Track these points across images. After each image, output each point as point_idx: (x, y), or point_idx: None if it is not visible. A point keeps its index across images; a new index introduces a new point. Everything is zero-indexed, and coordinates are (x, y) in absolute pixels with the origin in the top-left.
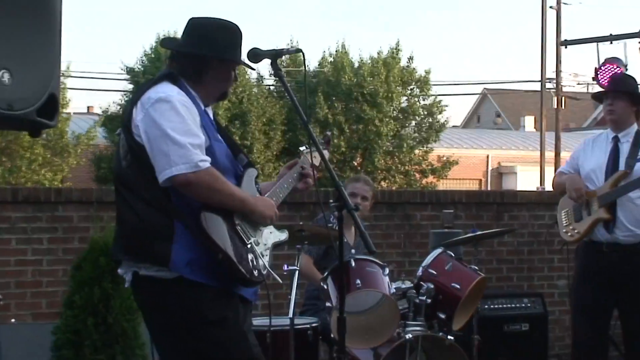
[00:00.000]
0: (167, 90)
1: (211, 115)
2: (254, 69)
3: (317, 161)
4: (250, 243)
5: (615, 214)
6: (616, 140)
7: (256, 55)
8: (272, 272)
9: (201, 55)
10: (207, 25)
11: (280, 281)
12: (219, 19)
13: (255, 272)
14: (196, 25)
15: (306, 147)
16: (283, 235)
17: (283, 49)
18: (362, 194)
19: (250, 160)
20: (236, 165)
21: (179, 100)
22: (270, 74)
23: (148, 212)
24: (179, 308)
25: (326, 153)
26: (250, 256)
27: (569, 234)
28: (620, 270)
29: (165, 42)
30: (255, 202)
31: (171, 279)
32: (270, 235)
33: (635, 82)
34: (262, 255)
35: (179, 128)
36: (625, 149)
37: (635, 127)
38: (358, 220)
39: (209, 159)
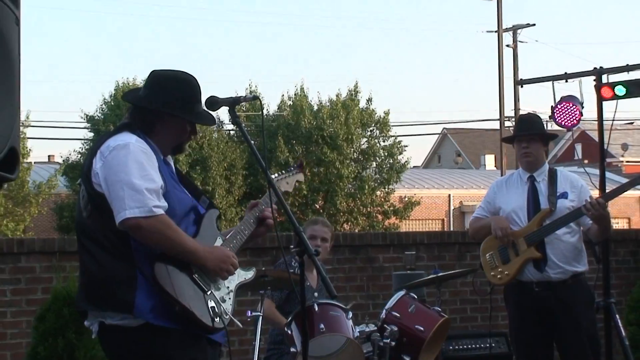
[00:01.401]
0: (125, 138)
1: (172, 164)
2: (210, 124)
3: (289, 187)
4: (210, 290)
5: (545, 253)
6: (532, 179)
7: (214, 103)
8: (234, 319)
9: (153, 109)
10: (164, 80)
11: (241, 326)
12: (179, 72)
13: (217, 319)
14: (154, 79)
15: (278, 174)
16: (249, 274)
17: (240, 97)
18: (321, 235)
19: (212, 202)
20: (197, 211)
21: (137, 147)
22: (230, 121)
23: (110, 260)
24: (146, 355)
25: (301, 176)
26: (211, 303)
27: (498, 276)
28: (552, 306)
29: (127, 95)
30: (206, 255)
31: (136, 327)
32: (234, 277)
33: (542, 121)
34: (224, 300)
35: (136, 173)
36: (542, 187)
37: (546, 165)
38: (319, 266)
39: (164, 205)
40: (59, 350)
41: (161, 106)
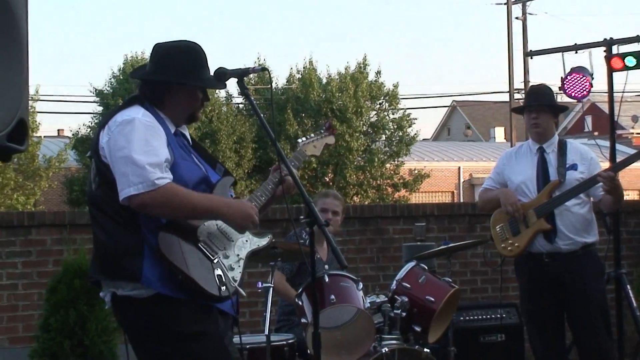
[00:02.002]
0: (132, 112)
1: (186, 134)
2: (221, 87)
3: (317, 150)
4: (217, 258)
5: (555, 224)
6: (542, 151)
7: (222, 74)
8: (239, 288)
9: (161, 81)
10: (168, 51)
11: (245, 295)
12: (183, 42)
13: (223, 288)
14: (158, 51)
15: (305, 138)
16: (263, 241)
17: (249, 68)
18: (332, 208)
19: (227, 169)
20: (208, 182)
21: (143, 121)
22: (239, 93)
23: (118, 230)
24: (156, 325)
25: (331, 139)
26: (217, 272)
27: (509, 248)
28: (562, 277)
29: (134, 72)
30: (226, 206)
31: (147, 298)
32: (246, 244)
33: (553, 92)
34: (232, 268)
35: (139, 148)
36: (552, 159)
37: (556, 137)
38: (329, 236)
39: (169, 176)
40: (71, 322)
41: (169, 77)
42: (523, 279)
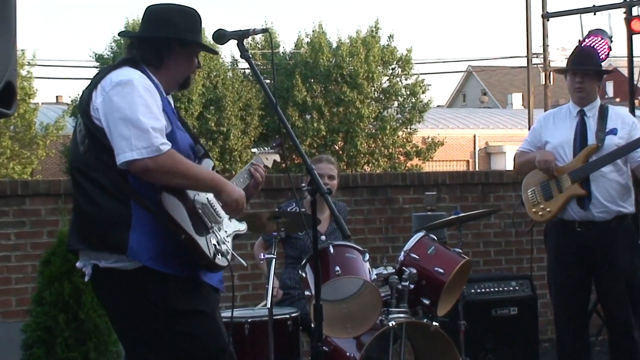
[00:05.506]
0: (128, 73)
1: (172, 104)
2: (217, 53)
3: (268, 163)
4: (213, 227)
5: (590, 190)
6: (582, 114)
7: (221, 36)
8: (237, 256)
9: (162, 39)
10: (165, 11)
11: (246, 264)
12: (177, 4)
13: (219, 256)
14: (154, 12)
15: (258, 149)
16: (242, 226)
17: (249, 30)
18: (327, 173)
19: (207, 151)
20: (195, 152)
21: (141, 84)
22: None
23: (104, 198)
24: (143, 300)
25: (277, 157)
26: (213, 240)
27: (540, 213)
28: (594, 247)
29: (124, 32)
30: (226, 184)
31: (133, 270)
32: (230, 224)
33: (599, 55)
34: (224, 242)
35: (141, 111)
36: (591, 123)
37: (598, 101)
38: (332, 204)
39: (169, 143)
40: (66, 295)
41: (169, 34)
42: (552, 247)
